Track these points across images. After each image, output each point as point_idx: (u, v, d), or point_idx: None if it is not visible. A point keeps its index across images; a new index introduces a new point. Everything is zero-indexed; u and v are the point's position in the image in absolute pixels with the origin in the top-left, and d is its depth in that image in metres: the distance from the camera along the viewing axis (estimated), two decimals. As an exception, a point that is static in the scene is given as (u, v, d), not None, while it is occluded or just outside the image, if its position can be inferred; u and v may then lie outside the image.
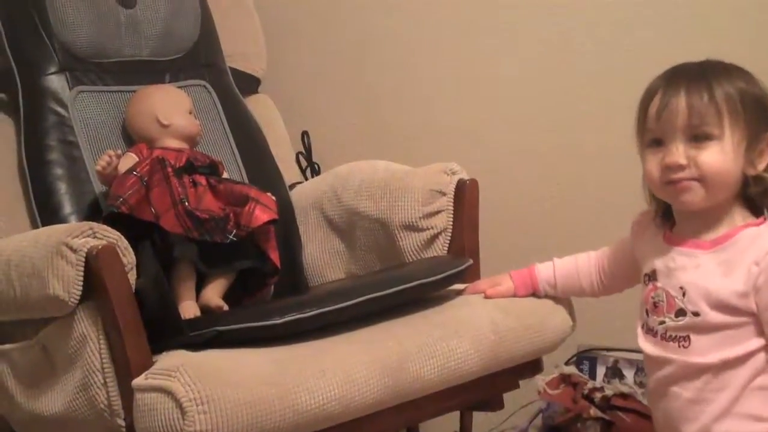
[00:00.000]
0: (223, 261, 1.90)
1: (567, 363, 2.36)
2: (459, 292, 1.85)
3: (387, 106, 2.64)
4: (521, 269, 1.83)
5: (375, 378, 1.53)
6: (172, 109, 2.05)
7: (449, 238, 1.99)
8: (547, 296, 1.82)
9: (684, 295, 1.51)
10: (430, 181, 2.00)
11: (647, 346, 1.59)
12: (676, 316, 1.53)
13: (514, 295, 1.81)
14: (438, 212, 1.99)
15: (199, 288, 1.89)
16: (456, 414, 2.02)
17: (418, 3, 2.60)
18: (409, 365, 1.58)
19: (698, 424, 1.52)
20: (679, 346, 1.53)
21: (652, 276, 1.57)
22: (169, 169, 1.89)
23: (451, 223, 1.99)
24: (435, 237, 1.99)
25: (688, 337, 1.52)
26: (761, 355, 1.49)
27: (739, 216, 1.52)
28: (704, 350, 1.50)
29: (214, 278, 1.90)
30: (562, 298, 1.84)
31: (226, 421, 1.36)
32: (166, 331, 1.57)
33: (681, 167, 1.47)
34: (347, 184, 2.16)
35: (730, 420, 1.50)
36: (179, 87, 2.18)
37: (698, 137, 1.46)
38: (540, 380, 2.25)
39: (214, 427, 1.36)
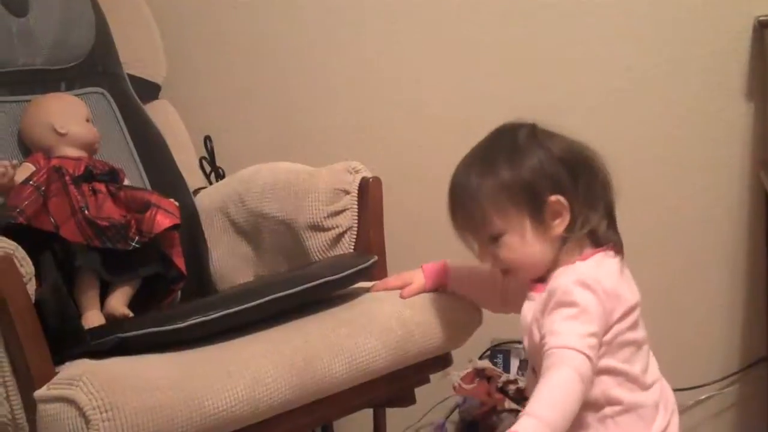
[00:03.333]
0: (127, 268, 1.87)
1: (481, 357, 2.38)
2: (367, 290, 1.86)
3: (290, 107, 2.63)
4: (433, 263, 1.84)
5: (282, 378, 1.53)
6: (68, 118, 2.01)
7: (355, 236, 2.00)
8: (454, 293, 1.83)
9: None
10: (334, 181, 2.01)
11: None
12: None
13: (426, 290, 1.82)
14: (342, 211, 1.99)
15: (103, 297, 1.86)
16: (370, 412, 2.02)
17: (319, 4, 2.60)
18: (317, 363, 1.59)
19: None
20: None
21: None
22: (68, 178, 1.86)
23: (356, 221, 2.00)
24: (341, 236, 1.99)
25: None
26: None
27: (571, 256, 1.55)
28: None
29: (119, 286, 1.87)
30: (467, 297, 1.85)
31: (130, 428, 1.35)
32: (68, 341, 1.55)
33: (493, 264, 1.58)
34: (251, 187, 2.15)
35: None
36: (76, 95, 2.14)
37: (491, 238, 1.55)
38: (455, 375, 2.27)
39: (119, 434, 1.34)
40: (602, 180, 1.56)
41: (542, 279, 1.56)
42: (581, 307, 1.45)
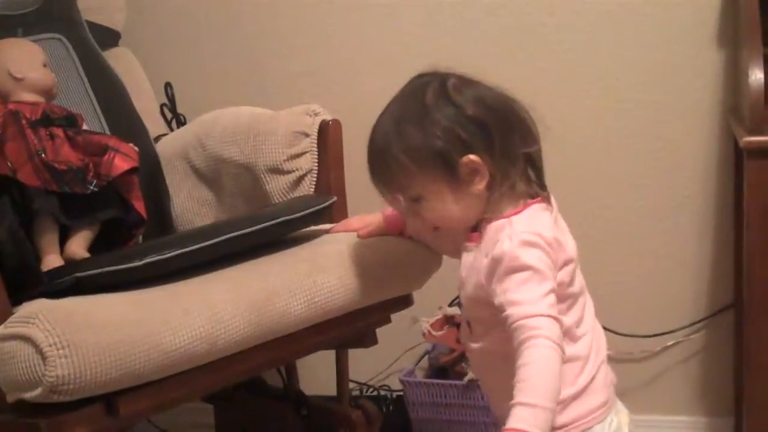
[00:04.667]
0: (86, 212, 1.86)
1: (450, 304, 2.38)
2: (326, 231, 1.87)
3: (251, 52, 2.60)
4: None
5: (241, 315, 1.54)
6: (25, 63, 1.99)
7: (315, 179, 2.00)
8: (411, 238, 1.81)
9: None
10: (293, 123, 2.01)
11: None
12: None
13: (385, 233, 1.81)
14: (302, 154, 1.99)
15: (63, 242, 1.86)
16: (333, 357, 2.04)
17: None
18: (276, 301, 1.59)
19: None
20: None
21: None
22: (24, 122, 1.85)
23: (316, 163, 2.00)
24: (301, 178, 2.00)
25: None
26: None
27: (501, 209, 1.51)
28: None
29: (78, 230, 1.86)
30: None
31: (88, 364, 1.35)
32: (25, 281, 1.55)
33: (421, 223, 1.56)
34: (212, 132, 2.14)
35: None
36: (33, 41, 2.12)
37: (411, 200, 1.51)
38: (424, 322, 2.28)
39: (77, 370, 1.35)
40: (521, 132, 1.50)
41: (475, 228, 1.53)
42: (532, 267, 1.41)
